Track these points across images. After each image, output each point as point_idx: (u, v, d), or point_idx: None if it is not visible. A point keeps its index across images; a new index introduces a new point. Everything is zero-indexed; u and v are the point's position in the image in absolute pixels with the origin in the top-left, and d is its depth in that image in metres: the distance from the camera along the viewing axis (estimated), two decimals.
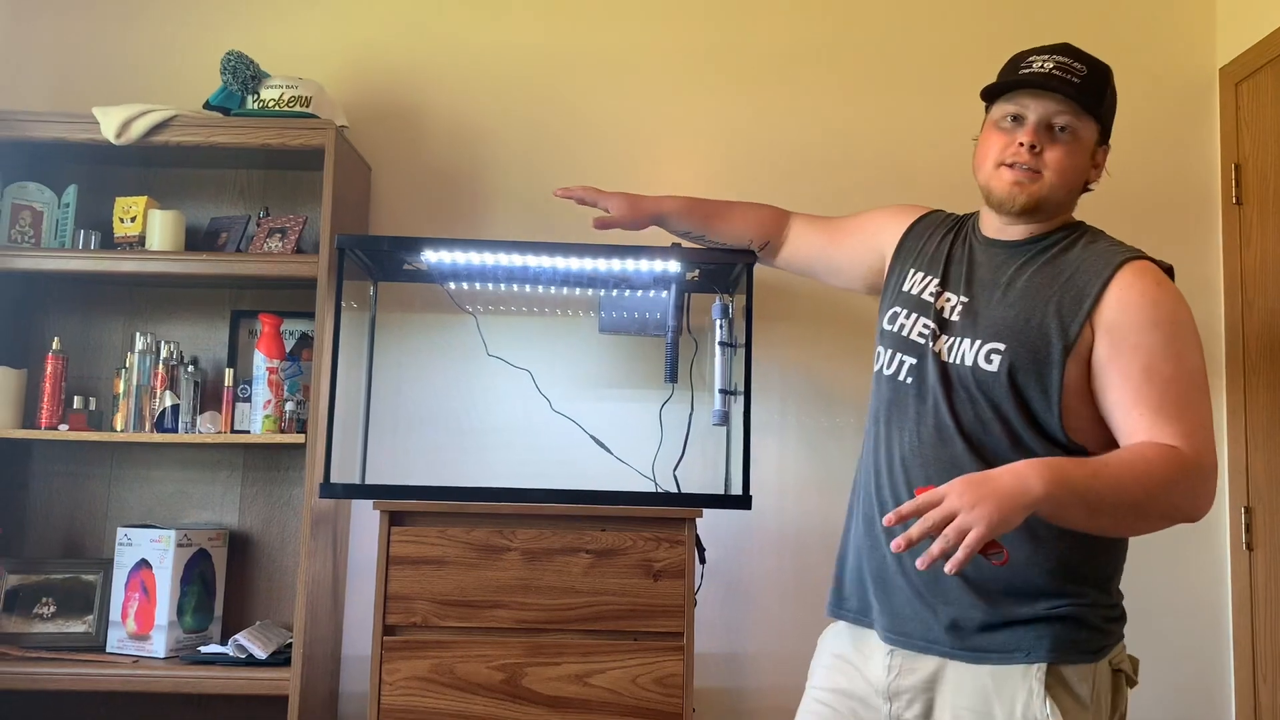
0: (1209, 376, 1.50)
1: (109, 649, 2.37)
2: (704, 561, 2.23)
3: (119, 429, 2.41)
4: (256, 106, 2.40)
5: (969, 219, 1.71)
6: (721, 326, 2.32)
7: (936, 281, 1.64)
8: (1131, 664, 1.54)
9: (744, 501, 2.19)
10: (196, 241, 2.53)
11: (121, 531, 2.40)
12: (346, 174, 2.43)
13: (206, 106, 2.44)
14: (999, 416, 1.50)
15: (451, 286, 2.54)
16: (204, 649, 2.33)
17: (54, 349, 2.45)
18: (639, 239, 2.22)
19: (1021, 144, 1.54)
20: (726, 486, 2.46)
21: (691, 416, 2.49)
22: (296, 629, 2.24)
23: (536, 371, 2.53)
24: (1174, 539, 1.60)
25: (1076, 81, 1.53)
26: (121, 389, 2.44)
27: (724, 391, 2.31)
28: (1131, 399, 1.45)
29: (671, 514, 2.12)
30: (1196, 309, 1.52)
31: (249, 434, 2.39)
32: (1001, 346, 1.50)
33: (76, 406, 2.44)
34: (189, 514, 2.56)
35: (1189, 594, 2.55)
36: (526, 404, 2.52)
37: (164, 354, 2.44)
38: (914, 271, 1.69)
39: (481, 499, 2.14)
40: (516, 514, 2.11)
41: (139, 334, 2.46)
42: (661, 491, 2.42)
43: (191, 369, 2.45)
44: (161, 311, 2.60)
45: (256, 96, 2.41)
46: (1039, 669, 1.44)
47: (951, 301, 1.60)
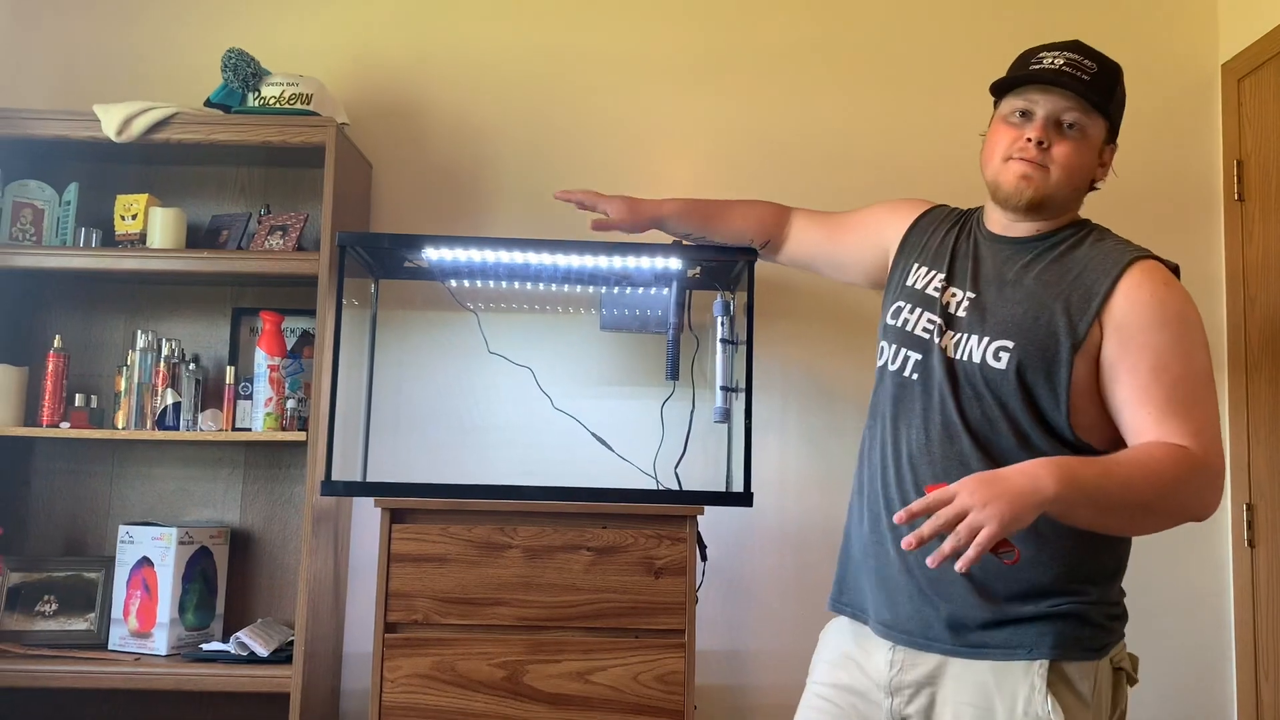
0: (1213, 373, 1.49)
1: (111, 646, 2.37)
2: (705, 559, 2.23)
3: (120, 427, 2.41)
4: (257, 104, 2.40)
5: (973, 214, 1.70)
6: (723, 323, 2.32)
7: (942, 276, 1.63)
8: (1132, 662, 1.54)
9: (745, 499, 2.19)
10: (198, 239, 2.53)
11: (123, 529, 2.41)
12: (347, 171, 2.43)
13: (207, 104, 2.44)
14: (1006, 414, 1.49)
15: (452, 284, 2.54)
16: (206, 646, 2.34)
17: (55, 347, 2.45)
18: (640, 236, 2.21)
19: (1029, 139, 1.53)
20: (728, 484, 2.46)
21: (693, 414, 2.49)
22: (298, 626, 2.24)
23: (538, 369, 2.53)
24: (1175, 536, 1.60)
25: (1086, 79, 1.52)
26: (123, 387, 2.44)
27: (725, 389, 2.31)
28: (1140, 398, 1.45)
29: (673, 511, 2.12)
30: (1198, 305, 1.52)
31: (250, 432, 2.39)
32: (1010, 344, 1.50)
33: (78, 404, 2.44)
34: (190, 512, 2.56)
35: (1191, 591, 2.55)
36: (528, 401, 2.52)
37: (165, 352, 2.44)
38: (918, 266, 1.68)
39: (483, 496, 2.14)
40: (518, 511, 2.11)
41: (140, 332, 2.46)
42: (663, 489, 2.42)
43: (193, 366, 2.45)
44: (163, 309, 2.60)
45: (257, 94, 2.41)
46: (1041, 666, 1.44)
47: (958, 297, 1.59)
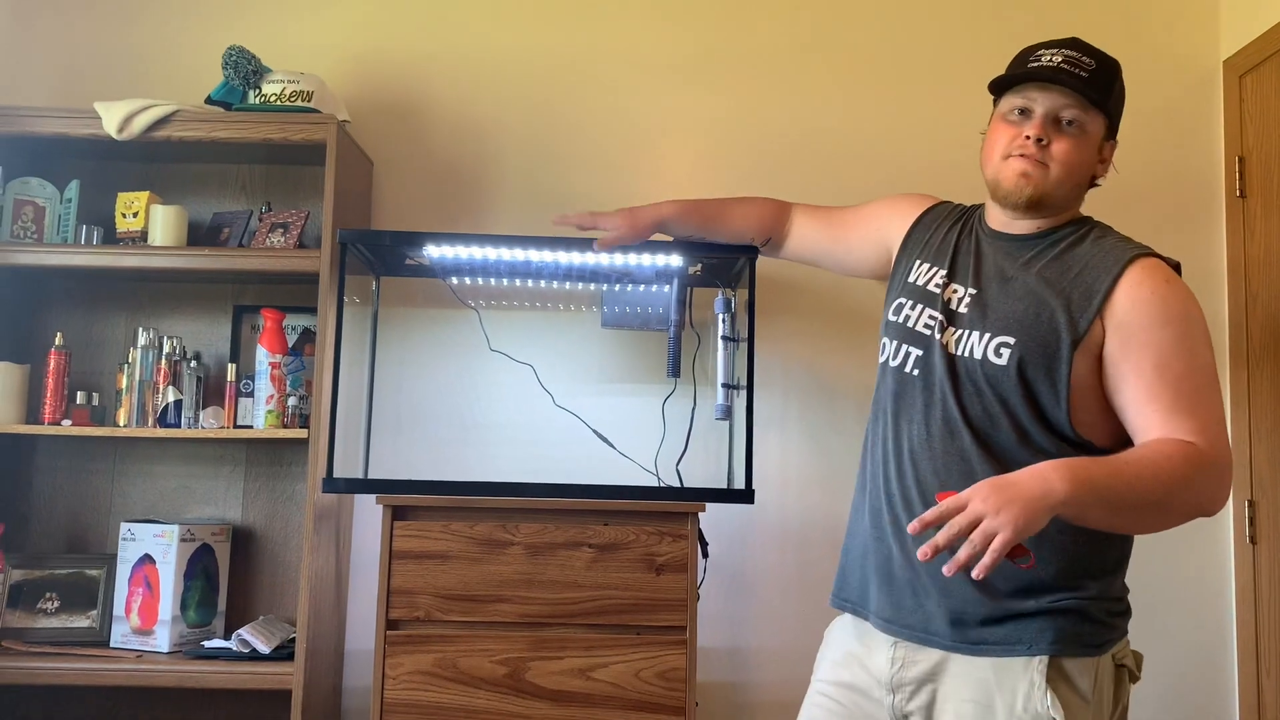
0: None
1: (113, 644, 2.37)
2: (706, 556, 2.23)
3: (122, 424, 2.41)
4: (258, 101, 2.40)
5: (975, 211, 1.70)
6: (724, 321, 2.31)
7: (943, 273, 1.63)
8: (1135, 659, 1.54)
9: (746, 496, 2.19)
10: (199, 237, 2.53)
11: (125, 526, 2.41)
12: (348, 169, 2.43)
13: (208, 101, 2.43)
14: (1006, 410, 1.50)
15: (454, 281, 2.54)
16: (207, 644, 2.34)
17: (57, 344, 2.45)
18: None
19: (1028, 137, 1.54)
20: (729, 481, 2.46)
21: (694, 411, 2.49)
22: (300, 624, 2.24)
23: (539, 366, 2.53)
24: (1177, 532, 1.59)
25: (1084, 75, 1.53)
26: (124, 384, 2.44)
27: (726, 386, 2.30)
28: (1145, 396, 1.45)
29: (674, 508, 2.12)
30: (1200, 302, 1.52)
31: (252, 429, 2.39)
32: (1011, 340, 1.50)
33: (80, 402, 2.44)
34: (192, 509, 2.56)
35: (1192, 588, 2.55)
36: (529, 399, 2.52)
37: (167, 349, 2.44)
38: (920, 263, 1.68)
39: (484, 493, 2.15)
40: (519, 509, 2.11)
41: (141, 329, 2.46)
42: (664, 486, 2.42)
43: (194, 364, 2.45)
44: (164, 307, 2.60)
45: (258, 91, 2.41)
46: (1040, 662, 1.44)
47: (959, 293, 1.59)
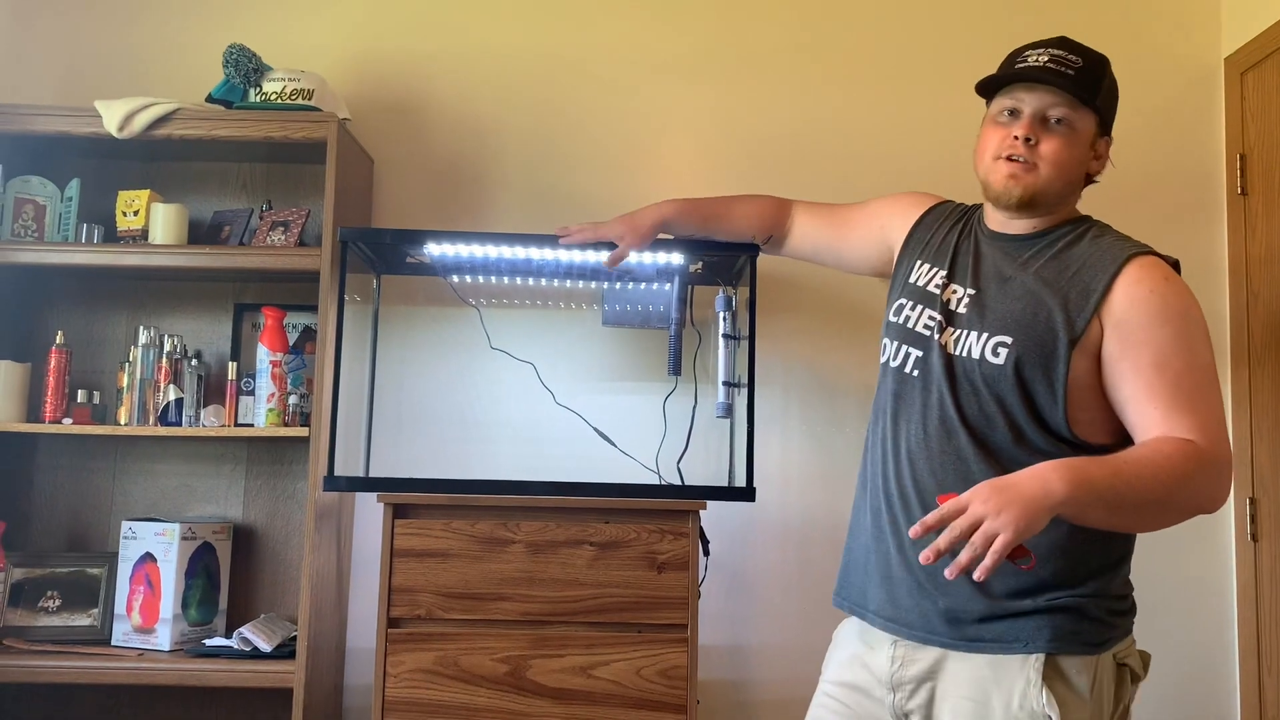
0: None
1: (114, 642, 2.37)
2: (708, 554, 2.23)
3: (123, 423, 2.41)
4: (259, 100, 2.40)
5: (975, 211, 1.71)
6: (725, 319, 2.31)
7: (943, 274, 1.63)
8: (1142, 659, 1.54)
9: (748, 494, 2.19)
10: (199, 235, 2.53)
11: (126, 525, 2.41)
12: (349, 167, 2.43)
13: (209, 100, 2.43)
14: (1003, 410, 1.50)
15: (455, 279, 2.54)
16: (209, 642, 2.34)
17: (58, 343, 2.45)
18: None
19: (1017, 137, 1.54)
20: (730, 479, 2.45)
21: (695, 409, 2.49)
22: (301, 622, 2.24)
23: (540, 365, 2.53)
24: (1178, 531, 1.59)
25: (1071, 74, 1.53)
26: (125, 383, 2.44)
27: (727, 384, 2.30)
28: (1145, 394, 1.44)
29: (675, 506, 2.12)
30: (1201, 299, 1.52)
31: (253, 427, 2.39)
32: (1009, 340, 1.50)
33: (80, 400, 2.44)
34: (193, 507, 2.56)
35: (1194, 586, 2.55)
36: (530, 397, 2.52)
37: (167, 348, 2.44)
38: (920, 263, 1.68)
39: (485, 492, 2.15)
40: (520, 507, 2.11)
41: (142, 328, 2.46)
42: (665, 484, 2.42)
43: (195, 362, 2.45)
44: (165, 305, 2.60)
45: (259, 90, 2.41)
46: (1036, 660, 1.44)
47: (959, 294, 1.60)
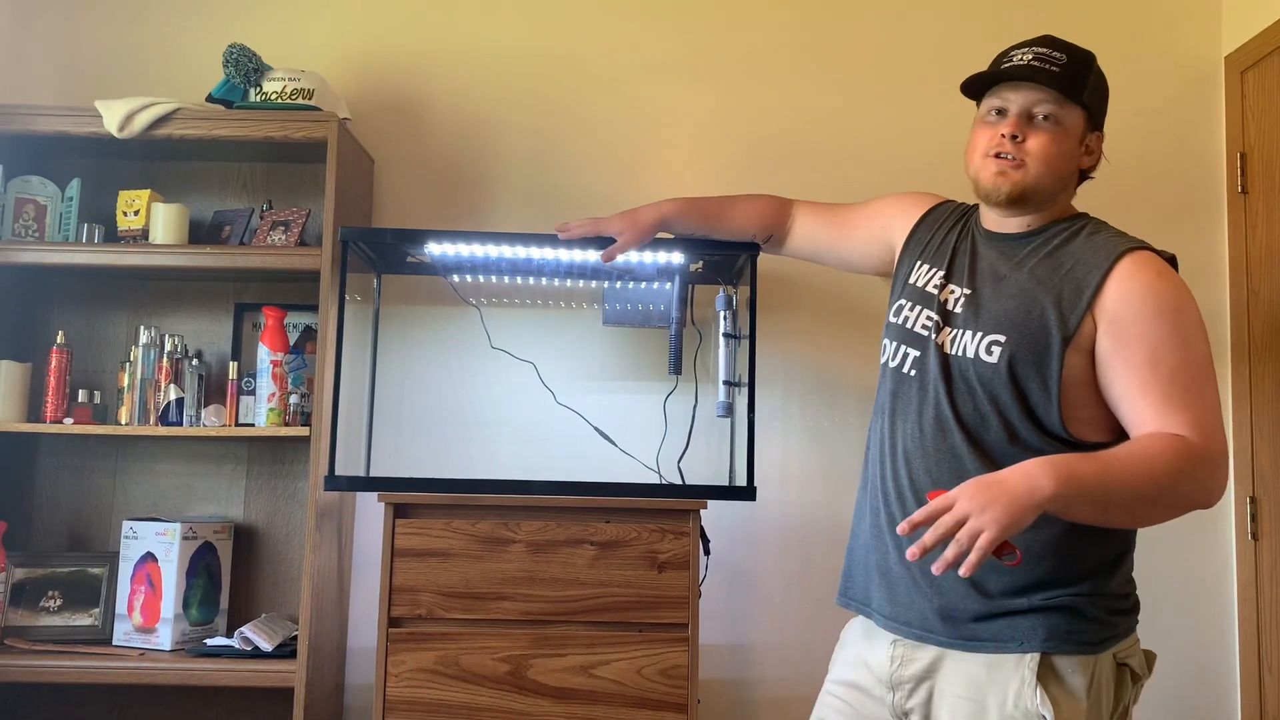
0: (1215, 365, 1.49)
1: (115, 642, 2.38)
2: (708, 553, 2.23)
3: (124, 422, 2.41)
4: (259, 99, 2.40)
5: (973, 211, 1.71)
6: (725, 318, 2.32)
7: (941, 274, 1.64)
8: (1146, 659, 1.53)
9: (748, 493, 2.19)
10: (200, 235, 2.53)
11: (127, 525, 2.41)
12: (349, 166, 2.43)
13: (209, 100, 2.43)
14: (997, 409, 1.50)
15: (455, 279, 2.54)
16: (210, 641, 2.34)
17: (58, 343, 2.45)
18: None
19: (1003, 135, 1.55)
20: (731, 478, 2.45)
21: (695, 408, 2.49)
22: (302, 621, 2.24)
23: (540, 364, 2.53)
24: (1179, 529, 1.60)
25: (1055, 70, 1.54)
26: (126, 382, 2.44)
27: (728, 383, 2.31)
28: (1139, 389, 1.44)
29: (676, 506, 2.12)
30: (1201, 298, 1.52)
31: (253, 427, 2.39)
32: (1003, 338, 1.51)
33: (81, 400, 2.44)
34: (194, 507, 2.56)
35: (1194, 584, 2.55)
36: (530, 397, 2.52)
37: (168, 347, 2.44)
38: (920, 264, 1.69)
39: (486, 491, 2.15)
40: (521, 506, 2.11)
41: (143, 327, 2.46)
42: (666, 483, 2.42)
43: (196, 362, 2.45)
44: (165, 305, 2.60)
45: (259, 89, 2.41)
46: (1031, 659, 1.44)
47: (955, 293, 1.60)
